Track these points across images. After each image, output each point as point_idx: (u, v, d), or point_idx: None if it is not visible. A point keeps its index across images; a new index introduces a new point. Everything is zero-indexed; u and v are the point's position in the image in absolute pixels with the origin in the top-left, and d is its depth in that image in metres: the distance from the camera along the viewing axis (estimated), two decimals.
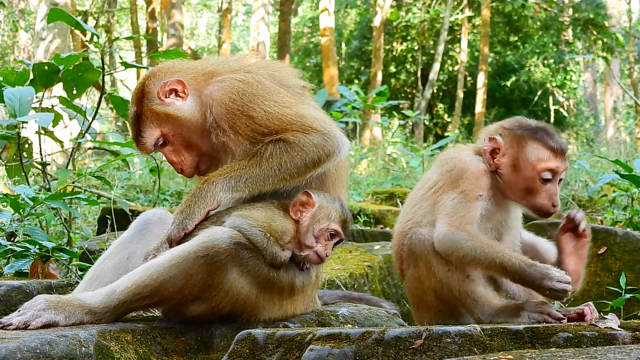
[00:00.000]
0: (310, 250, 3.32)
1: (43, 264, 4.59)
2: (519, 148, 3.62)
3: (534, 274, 3.34)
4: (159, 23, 27.41)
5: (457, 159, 3.74)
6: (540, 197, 3.60)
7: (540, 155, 3.59)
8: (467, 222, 3.53)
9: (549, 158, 3.58)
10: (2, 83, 5.89)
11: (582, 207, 8.80)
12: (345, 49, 34.11)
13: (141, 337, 3.11)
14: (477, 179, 3.63)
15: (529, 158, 3.59)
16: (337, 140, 3.38)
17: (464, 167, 3.67)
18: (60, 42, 15.58)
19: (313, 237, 3.33)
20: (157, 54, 5.95)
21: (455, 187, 3.62)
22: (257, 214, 3.26)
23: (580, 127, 32.74)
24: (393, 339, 2.67)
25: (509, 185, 3.65)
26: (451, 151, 3.92)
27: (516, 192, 3.65)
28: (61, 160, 11.77)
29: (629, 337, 2.67)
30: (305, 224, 3.34)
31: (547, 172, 3.58)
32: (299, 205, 3.35)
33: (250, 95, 3.37)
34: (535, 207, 3.63)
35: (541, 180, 3.58)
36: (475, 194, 3.60)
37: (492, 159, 3.67)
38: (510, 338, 2.67)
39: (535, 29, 31.07)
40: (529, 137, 3.62)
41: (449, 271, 3.52)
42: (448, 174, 3.68)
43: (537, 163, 3.57)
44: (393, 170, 13.19)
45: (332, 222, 3.37)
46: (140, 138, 3.52)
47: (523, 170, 3.60)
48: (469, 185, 3.61)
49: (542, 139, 3.60)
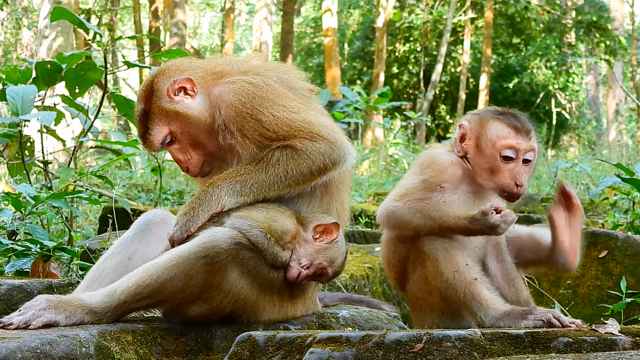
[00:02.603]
0: (296, 267, 3.32)
1: (44, 263, 4.59)
2: (481, 129, 3.64)
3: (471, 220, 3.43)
4: (161, 22, 27.42)
5: (429, 153, 3.79)
6: (504, 176, 3.58)
7: (500, 132, 3.59)
8: (416, 199, 3.54)
9: (510, 135, 3.58)
10: (4, 81, 5.89)
11: (583, 210, 8.78)
12: (348, 49, 34.12)
13: (142, 338, 3.11)
14: (442, 171, 3.65)
15: (489, 136, 3.60)
16: (344, 149, 3.38)
17: (432, 159, 3.70)
18: (63, 41, 15.59)
19: (310, 262, 3.33)
20: (159, 53, 5.95)
21: (418, 174, 3.65)
22: (257, 215, 3.26)
23: (582, 130, 32.73)
24: (393, 342, 2.67)
25: (475, 168, 3.66)
26: (426, 150, 3.96)
27: (482, 174, 3.64)
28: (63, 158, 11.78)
29: (629, 342, 2.66)
30: (315, 248, 3.35)
31: (508, 150, 3.57)
32: (322, 230, 3.36)
33: (260, 98, 3.36)
34: (499, 187, 3.62)
35: (502, 158, 3.57)
36: (436, 184, 3.60)
37: (461, 145, 3.69)
38: (511, 343, 2.67)
39: (538, 31, 31.05)
40: (491, 117, 3.64)
41: (457, 272, 3.51)
42: (418, 167, 3.71)
43: (497, 140, 3.58)
44: (395, 172, 13.19)
45: (330, 266, 3.38)
46: (147, 136, 3.51)
47: (484, 149, 3.60)
48: (431, 176, 3.62)
49: (504, 119, 3.61)
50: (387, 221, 3.63)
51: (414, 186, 3.62)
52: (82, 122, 6.32)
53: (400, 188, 3.66)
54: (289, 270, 3.31)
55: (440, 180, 3.62)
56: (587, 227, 5.20)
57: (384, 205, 3.62)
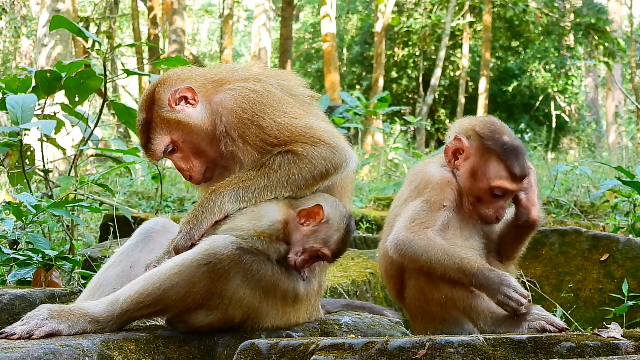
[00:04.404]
0: (291, 255, 3.33)
1: (46, 272, 4.59)
2: (481, 160, 3.70)
3: (492, 277, 3.42)
4: (160, 29, 27.45)
5: (423, 172, 3.82)
6: (488, 207, 3.70)
7: (498, 172, 3.66)
8: (428, 227, 3.56)
9: (507, 180, 3.65)
10: (4, 90, 5.89)
11: (584, 213, 8.79)
12: (347, 54, 34.14)
13: (144, 346, 3.11)
14: (442, 189, 3.69)
15: (487, 172, 3.67)
16: (345, 154, 3.40)
17: (429, 178, 3.74)
18: (62, 49, 15.62)
19: (302, 247, 3.34)
20: (159, 61, 5.96)
21: (419, 196, 3.67)
22: (241, 222, 3.26)
23: (582, 132, 32.74)
24: (396, 349, 2.66)
25: (464, 188, 3.72)
26: (419, 165, 4.02)
27: (468, 197, 3.72)
28: (63, 167, 11.79)
29: (631, 346, 2.66)
30: (303, 233, 3.34)
31: (500, 190, 3.66)
32: (306, 214, 3.35)
33: (260, 105, 3.37)
34: (480, 215, 3.73)
35: (492, 195, 3.67)
36: (439, 203, 3.65)
37: (455, 158, 3.73)
38: (513, 348, 2.67)
39: (537, 34, 31.08)
40: (495, 154, 3.68)
41: (455, 289, 3.56)
42: (416, 188, 3.75)
43: (493, 179, 3.65)
44: (395, 176, 13.19)
45: (325, 247, 3.38)
46: (149, 145, 3.52)
47: (479, 181, 3.68)
48: (433, 195, 3.67)
49: (507, 160, 3.65)
50: (403, 256, 3.61)
51: (420, 208, 3.64)
52: (82, 130, 6.32)
53: (407, 212, 3.65)
54: (287, 261, 3.32)
55: (442, 199, 3.66)
56: (589, 230, 5.20)
57: (399, 236, 3.59)
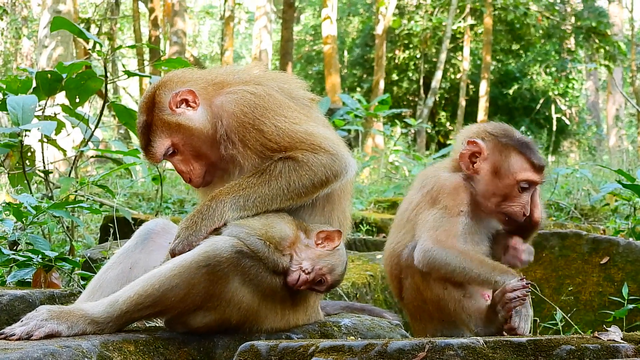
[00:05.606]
0: (297, 271, 3.31)
1: (45, 273, 4.58)
2: (502, 156, 3.79)
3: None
4: (161, 30, 27.45)
5: (436, 177, 3.85)
6: (514, 204, 3.78)
7: (522, 165, 3.77)
8: (452, 235, 3.60)
9: (531, 171, 3.77)
10: (5, 91, 5.90)
11: (584, 216, 8.79)
12: (348, 56, 34.17)
13: (144, 348, 3.11)
14: (457, 194, 3.74)
15: (511, 167, 3.77)
16: (345, 161, 3.37)
17: (442, 184, 3.77)
18: (63, 50, 15.63)
19: (312, 267, 3.32)
20: (159, 62, 5.96)
21: (435, 204, 3.70)
22: (254, 223, 3.25)
23: (583, 136, 32.75)
24: (396, 351, 2.66)
25: (486, 190, 3.80)
26: (429, 170, 4.08)
27: (491, 198, 3.79)
28: (64, 168, 11.81)
29: (631, 349, 2.66)
30: (317, 253, 3.34)
31: (526, 182, 3.77)
32: (325, 236, 3.36)
33: (261, 108, 3.36)
34: (508, 213, 3.81)
35: (519, 189, 3.77)
36: (457, 209, 3.70)
37: (471, 162, 3.76)
38: (513, 350, 2.66)
39: (538, 37, 31.08)
40: (513, 149, 3.80)
41: (446, 290, 3.60)
42: (428, 193, 3.78)
43: (519, 173, 3.76)
44: (395, 179, 13.18)
45: (329, 274, 3.37)
46: (150, 147, 3.51)
47: (503, 178, 3.77)
48: (450, 201, 3.71)
49: (526, 153, 3.79)
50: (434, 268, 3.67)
51: (440, 216, 3.68)
52: (82, 131, 6.32)
53: (428, 223, 3.70)
54: (289, 274, 3.29)
55: (459, 204, 3.70)
56: (589, 233, 5.20)
57: (428, 248, 3.65)
